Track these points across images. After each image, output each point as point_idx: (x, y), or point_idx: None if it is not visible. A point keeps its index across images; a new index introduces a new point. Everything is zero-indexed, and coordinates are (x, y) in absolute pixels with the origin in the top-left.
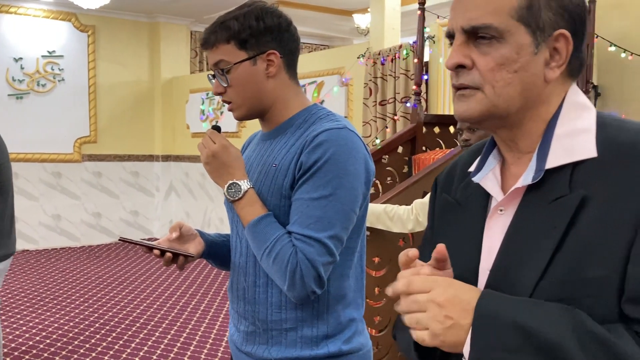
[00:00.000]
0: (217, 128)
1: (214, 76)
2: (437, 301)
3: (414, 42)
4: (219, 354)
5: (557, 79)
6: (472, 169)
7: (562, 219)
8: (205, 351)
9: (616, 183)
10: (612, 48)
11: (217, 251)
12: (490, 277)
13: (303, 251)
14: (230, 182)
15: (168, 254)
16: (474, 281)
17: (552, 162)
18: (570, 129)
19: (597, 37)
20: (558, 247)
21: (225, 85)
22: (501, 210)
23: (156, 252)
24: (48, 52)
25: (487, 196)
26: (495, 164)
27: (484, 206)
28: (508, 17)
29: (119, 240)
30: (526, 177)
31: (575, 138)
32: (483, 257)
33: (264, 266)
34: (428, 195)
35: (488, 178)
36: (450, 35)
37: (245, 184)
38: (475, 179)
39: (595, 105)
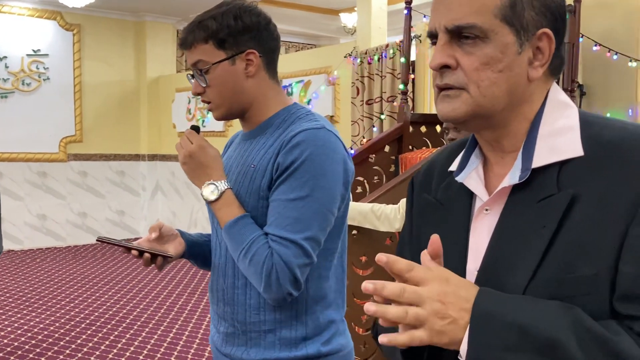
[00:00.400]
0: (195, 128)
1: (192, 76)
2: (436, 297)
3: (400, 42)
4: (206, 354)
5: (540, 78)
6: (453, 168)
7: (551, 219)
8: (192, 351)
9: (605, 181)
10: (597, 47)
11: (198, 251)
12: (479, 277)
13: (279, 253)
14: (208, 182)
15: (146, 255)
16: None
17: (538, 161)
18: (555, 127)
19: (582, 37)
20: (549, 246)
21: (204, 85)
22: (487, 210)
23: (134, 252)
24: (33, 50)
25: (471, 196)
26: (478, 163)
27: (468, 206)
28: (492, 16)
29: (97, 240)
30: (512, 177)
31: (560, 137)
32: (470, 257)
33: (241, 267)
34: None
35: (471, 177)
36: (433, 35)
37: (222, 185)
38: (458, 179)
39: (580, 104)
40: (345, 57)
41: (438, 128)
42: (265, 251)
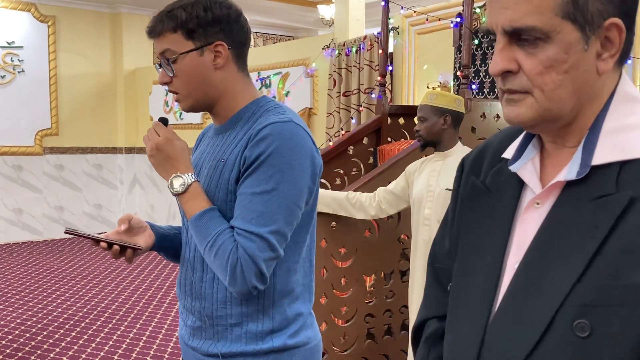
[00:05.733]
0: (163, 120)
1: (160, 65)
2: None
3: (378, 33)
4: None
5: (610, 69)
6: (507, 155)
7: (605, 220)
8: (172, 344)
9: None
10: None
11: (168, 244)
12: (518, 272)
13: (244, 246)
14: (174, 175)
15: (115, 247)
16: (497, 273)
17: (599, 158)
18: (621, 124)
19: None
20: (599, 249)
21: (171, 75)
22: (537, 204)
23: (103, 244)
24: (7, 42)
25: (521, 185)
26: (535, 153)
27: (517, 196)
28: (552, 15)
29: (65, 232)
30: (569, 172)
31: (626, 134)
32: (513, 250)
33: (207, 261)
34: (392, 183)
35: (526, 168)
36: (490, 32)
37: (189, 178)
38: (512, 168)
39: None
40: (323, 49)
41: (416, 120)
42: (230, 245)
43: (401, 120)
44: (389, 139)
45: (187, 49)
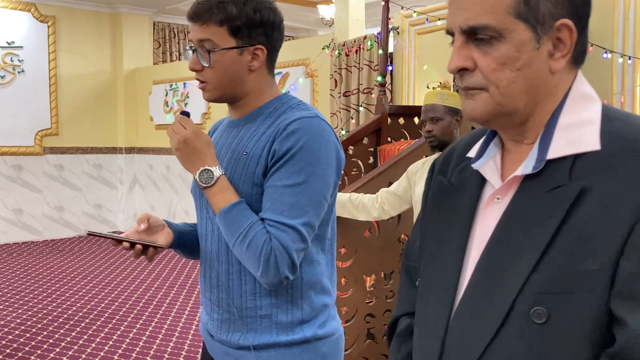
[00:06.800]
0: (186, 113)
1: (193, 50)
2: None
3: (378, 34)
4: (185, 347)
5: (563, 69)
6: (471, 154)
7: (559, 209)
8: (172, 344)
9: (617, 177)
10: None
11: (185, 241)
12: (478, 265)
13: (277, 237)
14: (202, 168)
15: (138, 246)
16: (459, 268)
17: (553, 152)
18: (574, 120)
19: None
20: (553, 237)
21: (207, 65)
22: (498, 199)
23: (126, 244)
24: (7, 42)
25: (483, 182)
26: (497, 151)
27: (478, 192)
28: (505, 14)
29: (87, 234)
30: (526, 166)
31: (578, 129)
32: (474, 245)
33: (237, 253)
34: (394, 184)
35: (488, 166)
36: (450, 33)
37: (217, 171)
38: (475, 166)
39: None
40: (323, 49)
41: (416, 120)
42: (263, 236)
43: (401, 120)
44: (389, 139)
45: (229, 46)
